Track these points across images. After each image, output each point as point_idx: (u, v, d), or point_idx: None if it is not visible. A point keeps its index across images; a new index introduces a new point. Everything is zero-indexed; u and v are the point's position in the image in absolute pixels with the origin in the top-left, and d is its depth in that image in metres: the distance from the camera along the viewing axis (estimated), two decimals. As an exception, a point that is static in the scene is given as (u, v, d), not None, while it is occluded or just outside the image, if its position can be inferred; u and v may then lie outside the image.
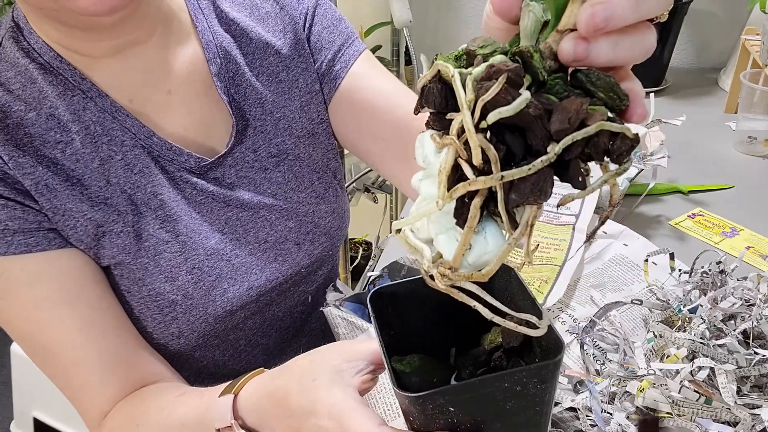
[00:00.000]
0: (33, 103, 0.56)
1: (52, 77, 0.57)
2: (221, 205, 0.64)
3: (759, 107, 1.11)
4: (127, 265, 0.60)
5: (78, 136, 0.57)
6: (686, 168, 1.08)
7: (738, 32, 1.38)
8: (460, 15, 1.65)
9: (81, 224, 0.57)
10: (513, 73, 0.26)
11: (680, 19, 1.33)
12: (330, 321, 0.67)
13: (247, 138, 0.65)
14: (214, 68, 0.63)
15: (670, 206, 0.99)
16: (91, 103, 0.58)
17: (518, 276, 0.45)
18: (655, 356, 0.61)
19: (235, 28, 0.65)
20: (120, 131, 0.59)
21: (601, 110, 0.26)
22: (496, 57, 0.27)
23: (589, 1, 0.25)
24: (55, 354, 0.58)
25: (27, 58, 0.57)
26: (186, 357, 0.66)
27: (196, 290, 0.62)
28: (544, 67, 0.27)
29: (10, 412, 1.57)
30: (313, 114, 0.69)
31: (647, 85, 1.37)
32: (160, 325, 0.62)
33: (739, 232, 0.92)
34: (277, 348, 0.74)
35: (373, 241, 1.84)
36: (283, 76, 0.67)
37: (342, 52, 0.69)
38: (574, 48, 0.26)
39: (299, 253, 0.69)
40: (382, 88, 0.69)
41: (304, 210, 0.69)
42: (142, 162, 0.60)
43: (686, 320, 0.63)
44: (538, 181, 0.27)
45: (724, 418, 0.56)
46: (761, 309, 0.61)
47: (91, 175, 0.58)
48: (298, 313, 0.74)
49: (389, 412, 0.59)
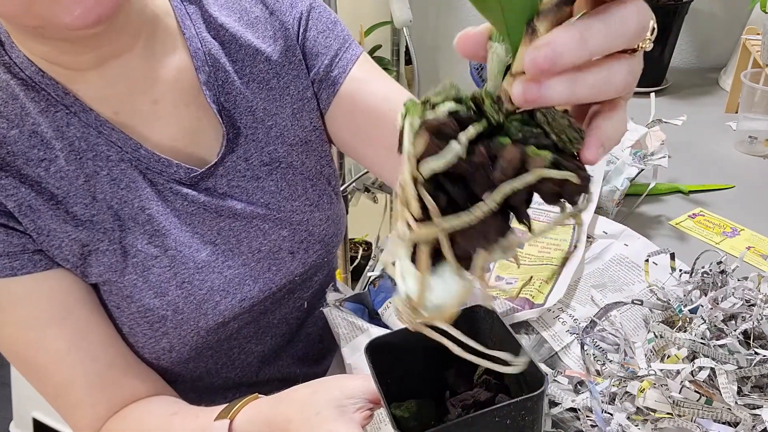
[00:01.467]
0: (15, 120, 0.54)
1: (33, 93, 0.55)
2: (213, 216, 0.63)
3: (760, 107, 1.11)
4: (115, 283, 0.59)
5: (62, 153, 0.56)
6: (687, 168, 1.08)
7: (738, 32, 1.38)
8: (460, 15, 1.65)
9: (66, 244, 0.56)
10: (442, 125, 0.26)
11: (680, 19, 1.33)
12: (330, 321, 0.67)
13: (238, 147, 0.64)
14: (202, 77, 0.62)
15: (670, 206, 0.99)
16: (74, 119, 0.56)
17: (500, 318, 0.50)
18: (655, 356, 0.61)
19: (224, 34, 0.64)
20: (105, 146, 0.58)
21: (544, 156, 0.26)
22: (444, 105, 0.27)
23: (533, 44, 0.25)
24: (45, 373, 0.58)
25: (8, 74, 0.55)
26: (179, 370, 0.66)
27: (187, 305, 0.61)
28: (500, 110, 0.27)
29: (9, 413, 1.57)
30: (306, 121, 0.68)
31: (648, 85, 1.37)
32: (151, 341, 0.61)
33: (740, 232, 0.92)
34: (273, 354, 0.73)
35: (373, 241, 1.84)
36: (274, 84, 0.66)
37: (339, 57, 0.68)
38: (523, 92, 0.25)
39: (293, 262, 0.68)
40: (380, 93, 0.68)
41: (298, 218, 0.68)
42: (128, 176, 0.58)
43: (687, 320, 0.63)
44: (483, 229, 0.27)
45: (725, 419, 0.56)
46: (762, 309, 0.61)
47: (76, 193, 0.56)
48: (294, 319, 0.74)
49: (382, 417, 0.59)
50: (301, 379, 0.79)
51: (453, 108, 0.27)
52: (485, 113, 0.27)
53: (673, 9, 1.29)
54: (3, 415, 1.73)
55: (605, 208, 0.91)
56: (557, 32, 0.24)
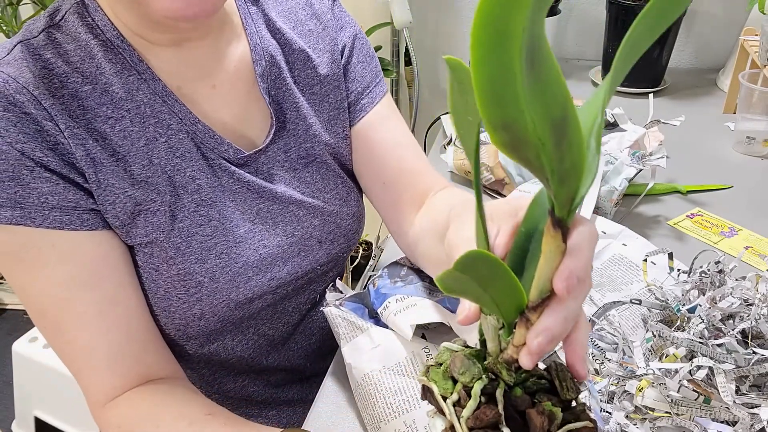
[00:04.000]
0: (90, 77, 0.58)
1: (111, 55, 0.59)
2: (254, 196, 0.67)
3: (757, 107, 1.11)
4: (160, 243, 0.61)
5: (128, 114, 0.60)
6: (685, 168, 1.08)
7: (737, 33, 1.38)
8: (460, 15, 1.65)
9: (120, 200, 0.59)
10: (484, 415, 0.35)
11: (679, 20, 1.33)
12: (330, 321, 0.67)
13: (280, 138, 0.69)
14: (258, 69, 0.67)
15: (668, 206, 0.99)
16: (144, 85, 0.61)
17: None
18: (654, 356, 0.62)
19: (280, 37, 0.69)
20: (168, 114, 0.62)
21: (557, 413, 0.36)
22: (475, 388, 0.36)
23: (533, 332, 0.34)
24: (66, 333, 0.59)
25: (90, 34, 0.59)
26: (201, 341, 0.69)
27: (223, 275, 0.64)
28: (510, 369, 0.36)
29: (11, 412, 1.57)
30: (339, 128, 0.73)
31: (646, 86, 1.38)
32: (184, 305, 0.64)
33: (738, 231, 0.92)
34: (281, 340, 0.76)
35: (373, 241, 1.85)
36: (317, 90, 0.71)
37: (370, 89, 0.74)
38: (530, 361, 0.34)
39: (320, 251, 0.72)
40: (395, 137, 0.74)
41: (329, 210, 0.72)
42: (184, 146, 0.62)
43: (685, 320, 0.64)
44: None
45: (723, 418, 0.57)
46: (760, 308, 0.61)
47: (136, 153, 0.60)
48: (306, 311, 0.77)
49: (389, 411, 0.59)
50: (308, 371, 0.80)
51: (482, 386, 0.36)
52: (504, 379, 0.36)
53: (671, 10, 1.29)
54: (5, 414, 1.73)
55: (604, 208, 0.92)
56: (548, 320, 0.34)
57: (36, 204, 0.55)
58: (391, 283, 0.70)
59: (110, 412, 0.61)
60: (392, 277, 0.71)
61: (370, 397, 0.61)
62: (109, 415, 0.61)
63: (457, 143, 1.06)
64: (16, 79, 0.55)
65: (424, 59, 1.69)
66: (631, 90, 1.38)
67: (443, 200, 0.70)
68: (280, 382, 0.80)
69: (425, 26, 1.68)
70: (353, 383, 0.64)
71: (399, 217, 0.74)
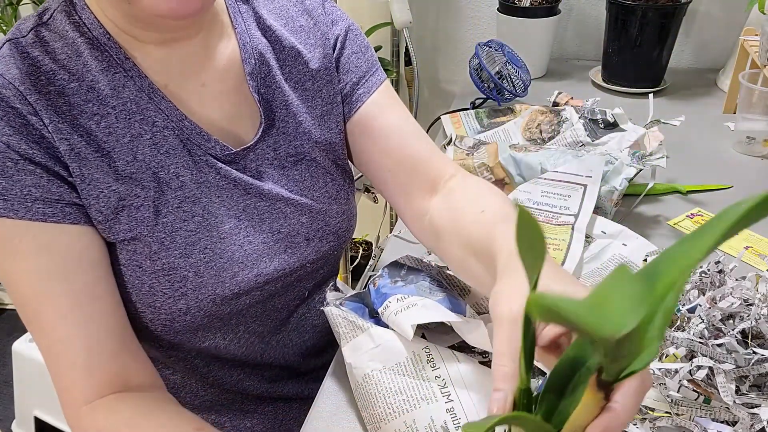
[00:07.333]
0: (76, 74, 0.59)
1: (98, 52, 0.60)
2: (241, 193, 0.67)
3: (757, 108, 1.11)
4: (144, 238, 0.62)
5: (114, 111, 0.60)
6: (685, 168, 1.08)
7: (737, 33, 1.38)
8: (460, 15, 1.65)
9: (104, 195, 0.60)
10: None
11: (679, 20, 1.33)
12: (331, 320, 0.67)
13: (269, 136, 0.69)
14: (248, 68, 0.67)
15: (668, 206, 0.99)
16: (130, 82, 0.61)
17: None
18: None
19: (270, 35, 0.70)
20: (154, 111, 0.62)
21: None
22: None
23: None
24: (45, 326, 0.59)
25: (77, 32, 0.60)
26: (188, 336, 0.68)
27: (207, 270, 0.64)
28: None
29: (11, 412, 1.57)
30: (332, 124, 0.73)
31: (646, 86, 1.38)
32: (170, 300, 0.64)
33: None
34: (272, 337, 0.76)
35: (373, 241, 1.85)
36: (309, 86, 0.71)
37: (366, 79, 0.74)
38: None
39: (308, 248, 0.72)
40: (396, 124, 0.74)
41: (317, 208, 0.72)
42: (169, 143, 0.63)
43: (685, 320, 0.64)
44: None
45: (723, 418, 0.57)
46: (760, 308, 0.61)
47: (120, 149, 0.61)
48: (294, 307, 0.77)
49: (389, 411, 0.60)
50: (303, 368, 0.80)
51: None
52: None
53: (671, 10, 1.29)
54: (5, 414, 1.73)
55: (604, 208, 0.92)
56: None
57: (19, 196, 0.56)
58: (392, 282, 0.70)
59: (87, 417, 0.60)
60: (393, 277, 0.71)
61: (370, 397, 0.61)
62: (87, 420, 0.60)
63: (457, 143, 1.06)
64: (3, 75, 0.56)
65: (424, 59, 1.69)
66: (631, 90, 1.38)
67: (468, 199, 0.67)
68: (275, 377, 0.79)
69: (425, 26, 1.68)
70: (353, 383, 0.64)
71: (410, 204, 0.73)
